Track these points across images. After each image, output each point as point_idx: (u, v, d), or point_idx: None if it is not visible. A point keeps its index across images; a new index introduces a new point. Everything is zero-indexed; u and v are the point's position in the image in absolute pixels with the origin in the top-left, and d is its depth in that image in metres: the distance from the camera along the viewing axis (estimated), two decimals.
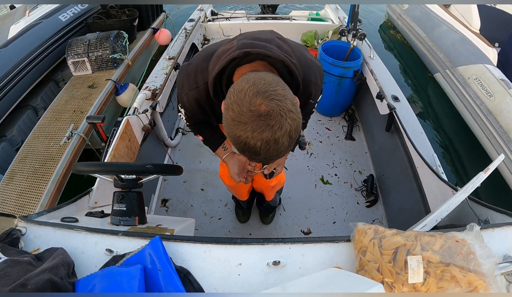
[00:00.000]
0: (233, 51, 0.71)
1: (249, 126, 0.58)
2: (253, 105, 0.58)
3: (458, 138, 3.07)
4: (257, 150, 0.60)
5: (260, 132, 0.58)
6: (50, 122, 2.40)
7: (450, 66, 3.17)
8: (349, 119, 2.65)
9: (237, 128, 0.59)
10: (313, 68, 0.88)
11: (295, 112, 0.61)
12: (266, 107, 0.58)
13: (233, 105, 0.60)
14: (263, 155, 0.61)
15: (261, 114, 0.57)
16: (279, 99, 0.59)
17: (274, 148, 0.60)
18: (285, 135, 0.59)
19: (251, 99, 0.58)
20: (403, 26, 4.50)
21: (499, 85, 2.58)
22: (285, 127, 0.59)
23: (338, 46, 2.56)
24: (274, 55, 0.70)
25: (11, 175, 2.04)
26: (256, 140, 0.59)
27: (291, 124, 0.59)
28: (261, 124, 0.58)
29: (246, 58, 0.72)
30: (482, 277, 0.60)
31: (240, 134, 0.59)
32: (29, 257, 0.69)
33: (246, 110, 0.58)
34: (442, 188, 1.26)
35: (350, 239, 0.75)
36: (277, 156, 0.63)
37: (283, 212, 2.00)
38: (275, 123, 0.58)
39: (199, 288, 0.71)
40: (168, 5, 4.74)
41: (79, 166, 1.01)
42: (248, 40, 0.74)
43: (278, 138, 0.59)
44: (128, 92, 2.82)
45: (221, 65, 0.72)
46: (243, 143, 0.60)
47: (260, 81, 0.61)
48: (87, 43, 2.80)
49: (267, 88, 0.60)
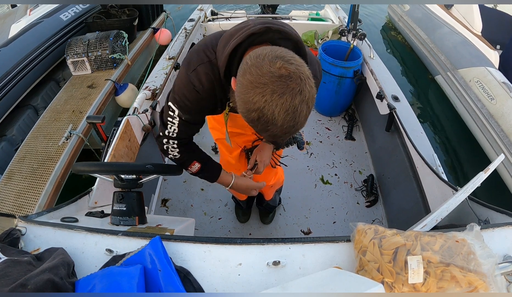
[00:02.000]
0: (251, 27, 0.69)
1: (268, 88, 0.56)
2: (273, 67, 0.56)
3: (458, 141, 3.06)
4: (274, 118, 0.57)
5: (280, 94, 0.56)
6: (49, 122, 2.40)
7: (451, 68, 3.16)
8: (349, 119, 2.65)
9: (254, 92, 0.57)
10: (314, 62, 0.87)
11: (312, 81, 0.59)
12: (286, 70, 0.56)
13: (251, 68, 0.58)
14: (280, 124, 0.58)
15: (281, 75, 0.56)
16: (298, 64, 0.58)
17: (292, 117, 0.57)
18: (304, 102, 0.57)
19: (270, 61, 0.57)
20: (404, 28, 4.49)
21: (500, 88, 2.57)
22: (305, 92, 0.57)
23: (338, 46, 2.56)
24: (292, 34, 0.70)
25: (10, 175, 2.04)
26: (274, 106, 0.56)
27: (309, 91, 0.58)
28: (281, 85, 0.56)
29: (262, 37, 0.70)
30: (482, 277, 0.60)
31: (257, 99, 0.57)
32: (29, 257, 0.69)
33: (266, 72, 0.56)
34: (442, 188, 1.26)
35: (350, 239, 0.74)
36: (293, 129, 0.60)
37: (283, 212, 2.00)
38: (296, 86, 0.56)
39: (199, 288, 0.71)
40: (168, 5, 4.74)
41: (79, 165, 1.01)
42: (265, 20, 0.72)
43: (297, 105, 0.56)
44: (128, 92, 2.82)
45: (240, 39, 0.69)
46: (258, 110, 0.57)
47: (276, 49, 0.60)
48: (86, 43, 2.80)
49: (285, 54, 0.59)
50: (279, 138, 0.65)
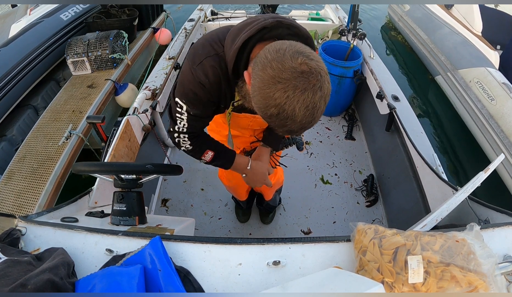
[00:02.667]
0: (262, 20, 0.69)
1: (291, 83, 0.55)
2: (295, 63, 0.56)
3: (458, 142, 3.06)
4: (294, 114, 0.57)
5: (302, 91, 0.55)
6: (49, 122, 2.40)
7: (451, 69, 3.15)
8: (349, 119, 2.65)
9: (276, 87, 0.56)
10: None
11: (329, 76, 0.60)
12: (307, 66, 0.56)
13: (273, 63, 0.57)
14: (299, 120, 0.58)
15: (303, 71, 0.56)
16: (318, 60, 0.58)
17: (311, 113, 0.58)
18: (323, 99, 0.58)
19: (292, 56, 0.56)
20: (404, 28, 4.48)
21: (501, 89, 2.57)
22: (324, 88, 0.58)
23: (338, 46, 2.56)
24: (303, 30, 0.70)
25: (10, 175, 2.04)
26: (295, 102, 0.56)
27: (327, 88, 0.59)
28: (303, 81, 0.55)
29: (272, 32, 0.69)
30: (482, 277, 0.60)
31: (279, 95, 0.56)
32: (29, 257, 0.69)
33: (288, 67, 0.56)
34: (442, 187, 1.26)
35: (350, 239, 0.74)
36: (310, 124, 0.61)
37: (283, 212, 2.00)
38: (317, 82, 0.56)
39: (199, 288, 0.71)
40: (168, 5, 4.74)
41: (79, 165, 1.01)
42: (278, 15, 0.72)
43: (317, 101, 0.57)
44: (127, 92, 2.81)
45: (250, 32, 0.68)
46: (278, 106, 0.57)
47: (295, 44, 0.60)
48: (86, 42, 2.80)
49: (305, 49, 0.58)
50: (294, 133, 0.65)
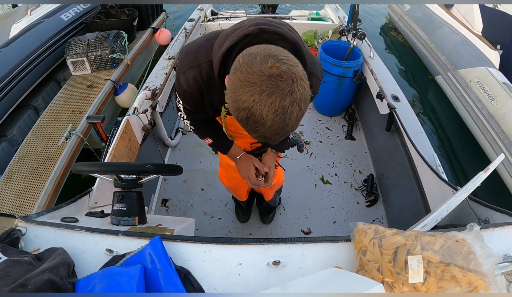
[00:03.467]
0: (246, 28, 0.69)
1: (257, 87, 0.54)
2: (264, 66, 0.55)
3: (459, 141, 3.06)
4: (263, 118, 0.55)
5: (268, 94, 0.54)
6: (49, 122, 2.40)
7: (451, 68, 3.15)
8: (349, 119, 2.65)
9: (243, 90, 0.55)
10: (315, 62, 0.86)
11: (306, 82, 0.57)
12: (277, 70, 0.54)
13: (242, 66, 0.57)
14: (269, 125, 0.56)
15: (272, 75, 0.54)
16: (291, 64, 0.56)
17: (281, 118, 0.55)
18: (295, 104, 0.55)
19: (261, 60, 0.55)
20: (404, 28, 4.48)
21: (501, 89, 2.57)
22: (296, 93, 0.55)
23: (338, 45, 2.56)
24: (288, 36, 0.68)
25: (10, 175, 2.04)
26: (263, 106, 0.54)
27: (301, 93, 0.55)
28: (271, 85, 0.54)
29: (258, 38, 0.69)
30: (482, 277, 0.60)
31: (246, 98, 0.55)
32: (29, 257, 0.69)
33: (256, 70, 0.55)
34: (442, 187, 1.26)
35: (350, 239, 0.74)
36: (284, 131, 0.58)
37: (283, 212, 2.00)
38: (286, 87, 0.54)
39: (199, 288, 0.71)
40: (168, 5, 4.74)
41: (79, 165, 1.01)
42: (261, 20, 0.72)
43: (287, 106, 0.54)
44: (127, 92, 2.82)
45: (233, 40, 0.68)
46: (247, 109, 0.56)
47: (270, 47, 0.59)
48: (86, 43, 2.80)
49: (279, 53, 0.57)
50: (270, 140, 0.63)
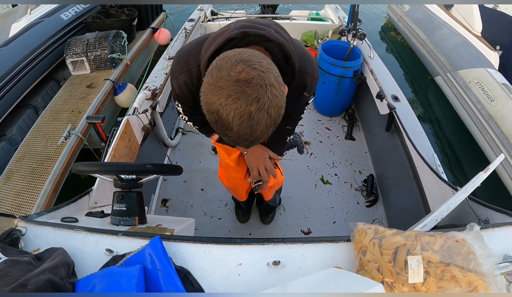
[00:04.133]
0: (230, 31, 0.69)
1: (224, 91, 0.54)
2: (233, 71, 0.54)
3: (458, 142, 3.06)
4: (229, 122, 0.55)
5: (234, 99, 0.53)
6: (48, 122, 2.40)
7: (451, 69, 3.15)
8: (349, 119, 2.65)
9: (212, 94, 0.55)
10: (309, 61, 0.85)
11: (278, 89, 0.56)
12: (246, 75, 0.54)
13: (213, 70, 0.57)
14: (235, 130, 0.56)
15: (239, 80, 0.53)
16: (262, 70, 0.55)
17: (247, 124, 0.55)
18: (262, 111, 0.54)
19: (232, 64, 0.55)
20: (403, 28, 4.48)
21: (500, 90, 2.57)
22: (263, 100, 0.54)
23: (338, 46, 2.56)
24: (272, 38, 0.68)
25: (9, 174, 2.04)
26: (229, 110, 0.54)
27: (271, 100, 0.54)
28: (237, 90, 0.53)
29: (243, 41, 0.69)
30: (482, 277, 0.60)
31: (214, 101, 0.55)
32: (29, 257, 0.69)
33: (225, 75, 0.54)
34: (442, 187, 1.26)
35: (350, 239, 0.75)
36: (252, 137, 0.57)
37: (283, 212, 2.00)
38: (252, 93, 0.53)
39: (199, 288, 0.71)
40: (167, 5, 4.73)
41: (79, 165, 1.01)
42: (247, 23, 0.72)
43: (253, 112, 0.54)
44: (127, 92, 2.81)
45: (217, 44, 0.69)
46: (215, 112, 0.56)
47: (247, 52, 0.58)
48: (85, 42, 2.79)
49: (252, 58, 0.56)
50: (240, 144, 0.62)
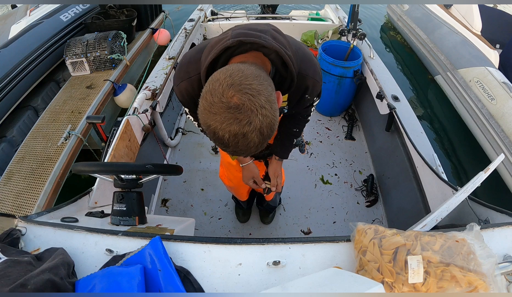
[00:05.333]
0: (227, 40, 0.70)
1: (218, 117, 0.58)
2: (225, 97, 0.57)
3: (459, 141, 3.06)
4: (226, 142, 0.60)
5: (228, 124, 0.57)
6: (48, 123, 2.40)
7: (451, 68, 3.15)
8: (349, 119, 2.65)
9: (208, 117, 0.59)
10: (310, 63, 0.86)
11: (269, 109, 0.60)
12: (238, 101, 0.57)
13: (207, 94, 0.60)
14: (232, 147, 0.61)
15: (230, 107, 0.57)
16: (252, 94, 0.58)
17: (242, 143, 0.59)
18: (255, 131, 0.58)
19: (224, 90, 0.58)
20: (403, 28, 4.48)
21: (501, 88, 2.56)
22: (255, 123, 0.58)
23: (338, 46, 2.56)
24: (268, 45, 0.69)
25: (9, 175, 2.04)
26: (224, 132, 0.58)
27: (262, 121, 0.58)
28: (229, 117, 0.57)
29: (240, 49, 0.71)
30: (482, 277, 0.60)
31: (210, 124, 0.59)
32: (29, 257, 0.69)
33: (217, 101, 0.58)
34: (442, 187, 1.26)
35: (350, 239, 0.75)
36: (248, 151, 0.62)
37: (283, 212, 2.00)
38: (244, 118, 0.57)
39: (199, 288, 0.71)
40: (167, 5, 4.74)
41: (79, 165, 1.01)
42: (243, 30, 0.73)
43: (247, 133, 0.58)
44: (126, 92, 2.81)
45: (214, 54, 0.71)
46: (213, 132, 0.60)
47: (237, 73, 0.60)
48: (85, 43, 2.79)
49: (243, 81, 0.59)
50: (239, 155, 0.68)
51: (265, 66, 0.72)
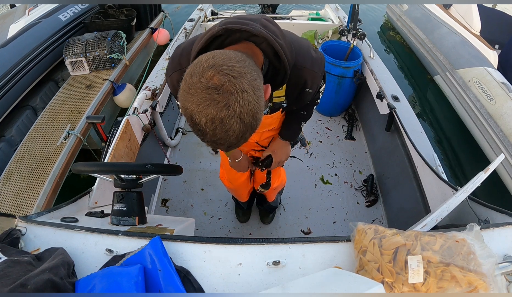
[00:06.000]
0: (213, 29, 0.68)
1: (195, 98, 0.54)
2: (204, 77, 0.54)
3: (458, 142, 3.06)
4: (202, 128, 0.55)
5: (205, 107, 0.53)
6: (47, 123, 2.39)
7: (450, 68, 3.15)
8: (349, 119, 2.65)
9: (186, 100, 0.56)
10: (308, 55, 0.82)
11: (251, 94, 0.55)
12: (217, 81, 0.53)
13: (187, 76, 0.57)
14: (210, 136, 0.56)
15: (209, 87, 0.53)
16: (234, 76, 0.54)
17: (221, 129, 0.55)
18: (234, 117, 0.54)
19: (204, 70, 0.55)
20: (402, 28, 4.48)
21: (499, 88, 2.57)
22: (234, 107, 0.53)
23: (338, 46, 2.56)
24: (256, 32, 0.66)
25: (8, 175, 2.04)
26: (201, 116, 0.54)
27: (242, 106, 0.54)
28: (207, 97, 0.53)
29: (230, 38, 0.68)
30: (482, 277, 0.60)
31: (187, 107, 0.56)
32: (29, 257, 0.68)
33: (196, 81, 0.55)
34: (442, 187, 1.26)
35: (350, 239, 0.75)
36: (227, 141, 0.57)
37: (283, 212, 2.00)
38: (222, 100, 0.53)
39: (199, 288, 0.71)
40: (166, 5, 4.73)
41: (79, 165, 1.01)
42: (231, 19, 0.70)
43: (224, 119, 0.54)
44: (126, 92, 2.81)
45: (202, 44, 0.68)
46: (190, 117, 0.56)
47: (221, 55, 0.57)
48: (84, 43, 2.79)
49: (225, 62, 0.55)
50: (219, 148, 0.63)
51: (256, 57, 0.69)
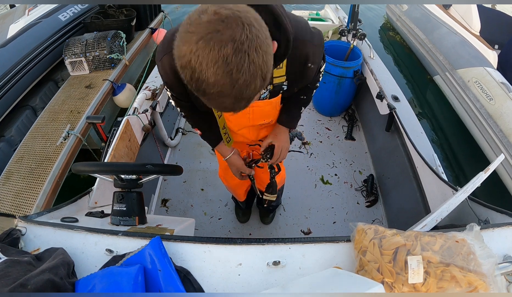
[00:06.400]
0: None
1: (195, 35, 0.45)
2: (204, 14, 0.46)
3: (457, 142, 3.06)
4: (203, 73, 0.45)
5: (205, 41, 0.44)
6: (47, 123, 2.39)
7: (450, 68, 3.15)
8: (349, 119, 2.65)
9: (182, 43, 0.47)
10: (307, 28, 0.77)
11: (258, 28, 0.47)
12: (220, 14, 0.45)
13: (184, 21, 0.49)
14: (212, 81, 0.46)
15: (211, 20, 0.45)
16: (239, 10, 0.46)
17: (225, 70, 0.45)
18: (241, 52, 0.44)
19: (204, 9, 0.47)
20: (402, 28, 4.48)
21: (499, 88, 2.57)
22: (241, 38, 0.44)
23: (338, 46, 2.56)
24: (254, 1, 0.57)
25: (8, 175, 2.04)
26: (201, 57, 0.45)
27: (250, 39, 0.45)
28: (209, 29, 0.44)
29: None
30: (482, 277, 0.60)
31: (184, 51, 0.47)
32: (29, 257, 0.68)
33: (195, 18, 0.46)
34: (442, 188, 1.26)
35: (350, 239, 0.75)
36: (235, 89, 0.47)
37: (283, 212, 2.00)
38: (226, 31, 0.44)
39: (199, 288, 0.71)
40: (166, 5, 4.73)
41: (79, 165, 1.01)
42: None
43: (230, 55, 0.44)
44: (125, 92, 2.81)
45: None
46: (188, 65, 0.47)
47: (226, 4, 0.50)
48: (84, 43, 2.79)
49: (230, 4, 0.48)
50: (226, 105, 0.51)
51: None
